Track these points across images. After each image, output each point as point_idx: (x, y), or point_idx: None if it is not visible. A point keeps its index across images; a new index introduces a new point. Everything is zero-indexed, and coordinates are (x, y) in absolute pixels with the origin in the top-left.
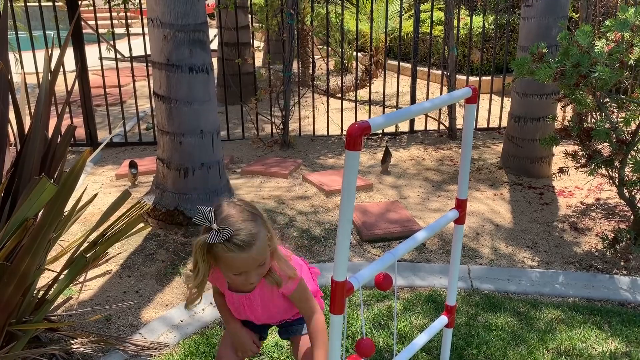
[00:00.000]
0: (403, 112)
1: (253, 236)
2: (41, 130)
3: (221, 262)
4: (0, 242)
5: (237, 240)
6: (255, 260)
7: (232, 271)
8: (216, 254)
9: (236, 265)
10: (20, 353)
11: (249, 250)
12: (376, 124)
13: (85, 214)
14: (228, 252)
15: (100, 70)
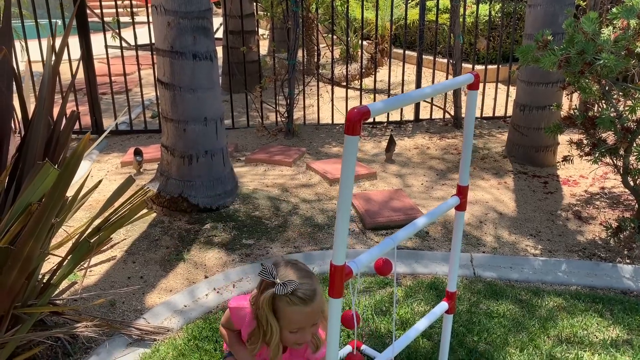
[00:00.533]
0: (403, 97)
1: (314, 291)
2: (45, 116)
3: (283, 317)
4: (4, 226)
5: (300, 294)
6: (315, 315)
7: (291, 326)
8: (278, 309)
9: (297, 319)
10: (26, 336)
11: (311, 304)
12: (375, 109)
13: (91, 200)
14: (292, 305)
15: (105, 59)
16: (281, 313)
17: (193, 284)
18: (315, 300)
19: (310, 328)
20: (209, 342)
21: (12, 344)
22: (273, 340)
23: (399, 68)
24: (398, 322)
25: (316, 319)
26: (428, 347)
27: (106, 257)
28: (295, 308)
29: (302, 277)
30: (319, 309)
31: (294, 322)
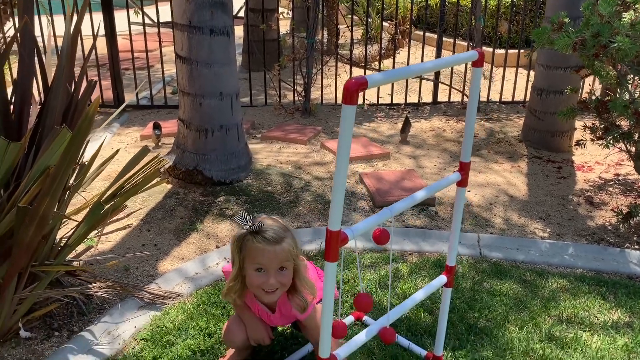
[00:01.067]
0: (402, 70)
1: (280, 236)
2: (63, 84)
3: (247, 255)
4: (24, 188)
5: (266, 235)
6: (277, 258)
7: (254, 264)
8: (245, 246)
9: (259, 257)
10: (43, 292)
11: (274, 245)
12: (373, 80)
13: (110, 171)
14: (254, 243)
15: (128, 35)
16: (245, 251)
17: (204, 253)
18: (278, 244)
19: (274, 272)
20: (217, 308)
21: (30, 299)
22: (234, 273)
23: (419, 50)
24: (401, 296)
25: (280, 264)
26: (429, 320)
27: (122, 224)
28: (257, 246)
29: (273, 224)
30: (283, 254)
31: (255, 259)
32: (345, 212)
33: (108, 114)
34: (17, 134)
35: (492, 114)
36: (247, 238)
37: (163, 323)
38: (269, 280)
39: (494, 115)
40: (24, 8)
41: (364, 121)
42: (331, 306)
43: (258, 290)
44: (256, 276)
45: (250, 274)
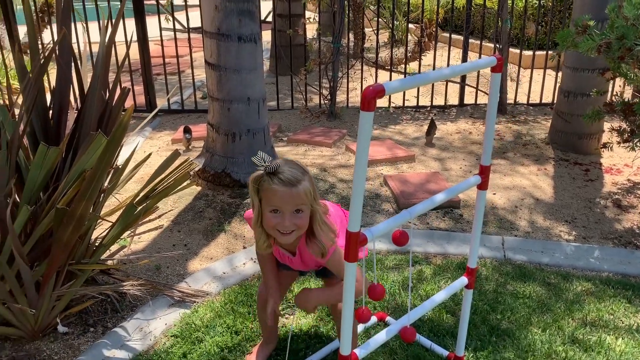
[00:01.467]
0: (420, 77)
1: (297, 178)
2: (98, 91)
3: (264, 196)
4: (62, 190)
5: (281, 176)
6: (293, 200)
7: (270, 205)
8: (261, 188)
9: (275, 198)
10: (79, 289)
11: (290, 187)
12: (391, 88)
13: (143, 174)
14: (271, 184)
15: (160, 41)
16: (262, 192)
17: (232, 253)
18: (295, 187)
19: (289, 214)
20: (244, 306)
21: (67, 296)
22: (255, 216)
23: (446, 52)
24: (424, 297)
25: (296, 206)
26: (451, 321)
27: (154, 225)
28: (273, 187)
29: (291, 167)
30: (298, 197)
31: (273, 200)
32: (370, 214)
33: (141, 118)
34: (56, 139)
35: (519, 116)
36: (264, 179)
37: (192, 320)
38: (284, 222)
39: (521, 118)
40: (62, 20)
41: (390, 124)
42: (352, 305)
43: (274, 231)
44: (272, 217)
45: (266, 215)
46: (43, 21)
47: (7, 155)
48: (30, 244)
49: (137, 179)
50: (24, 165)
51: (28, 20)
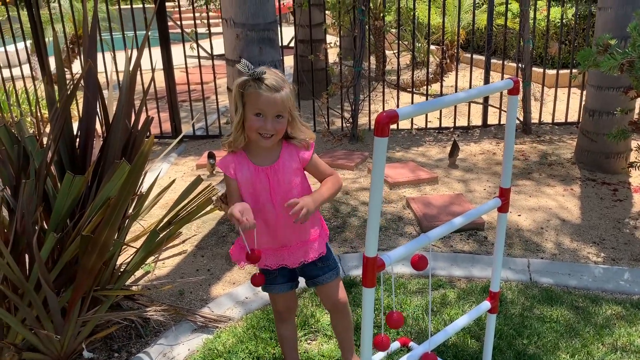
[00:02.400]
0: (435, 102)
1: (280, 85)
2: (122, 120)
3: (248, 101)
4: (87, 217)
5: (267, 82)
6: (276, 105)
7: (254, 109)
8: (245, 93)
9: (260, 102)
10: (104, 315)
11: (274, 93)
12: (404, 113)
13: (167, 200)
14: (257, 89)
15: (184, 68)
16: (247, 97)
17: None
18: (277, 92)
19: (271, 118)
20: (266, 332)
21: (92, 322)
22: (236, 120)
23: (468, 73)
24: (448, 322)
25: (277, 112)
26: (475, 346)
27: (178, 250)
28: (258, 92)
29: (275, 75)
30: (281, 102)
31: (257, 104)
32: (392, 237)
33: (167, 144)
34: (82, 167)
35: (544, 136)
36: (249, 84)
37: (215, 346)
38: (267, 125)
39: (547, 137)
40: (88, 52)
41: (412, 145)
42: (371, 332)
43: (255, 134)
44: (255, 120)
45: (250, 118)
46: (73, 52)
47: (35, 184)
48: (57, 271)
49: (162, 204)
50: (52, 193)
51: (56, 51)
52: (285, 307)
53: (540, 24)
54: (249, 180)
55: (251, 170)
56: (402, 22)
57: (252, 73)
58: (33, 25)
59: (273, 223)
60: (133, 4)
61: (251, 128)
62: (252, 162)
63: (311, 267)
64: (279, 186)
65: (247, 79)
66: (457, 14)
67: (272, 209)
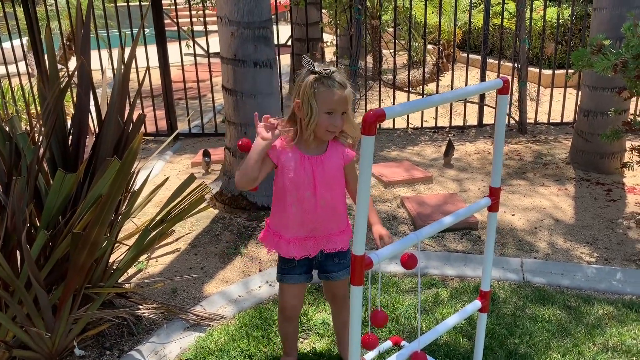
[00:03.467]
0: (423, 101)
1: (346, 82)
2: (115, 118)
3: (320, 99)
4: (79, 215)
5: (337, 80)
6: (345, 101)
7: (326, 108)
8: (318, 92)
9: (332, 100)
10: (95, 313)
11: (345, 89)
12: (392, 112)
13: (162, 197)
14: (329, 87)
15: (181, 66)
16: (319, 95)
17: (248, 276)
18: (347, 87)
19: (340, 115)
20: (258, 330)
21: (83, 319)
22: (312, 120)
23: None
24: (439, 321)
25: (344, 108)
26: (467, 345)
27: (172, 248)
28: (333, 90)
29: (339, 71)
30: (349, 98)
31: (329, 102)
32: None
33: (162, 142)
34: (74, 163)
35: (539, 136)
36: (322, 82)
37: (207, 344)
38: (337, 122)
39: (542, 137)
40: (81, 49)
41: (408, 145)
42: (359, 329)
43: (324, 131)
44: (326, 118)
45: (321, 117)
46: (70, 49)
47: (27, 181)
48: (48, 268)
49: (156, 202)
50: (44, 191)
51: (48, 48)
52: (292, 305)
53: (537, 24)
54: (293, 166)
55: (297, 156)
56: (398, 21)
57: (323, 71)
58: (29, 22)
59: (310, 212)
60: (130, 1)
61: (322, 126)
62: (300, 150)
63: (329, 261)
64: (322, 177)
65: (315, 77)
66: (453, 13)
67: (312, 197)
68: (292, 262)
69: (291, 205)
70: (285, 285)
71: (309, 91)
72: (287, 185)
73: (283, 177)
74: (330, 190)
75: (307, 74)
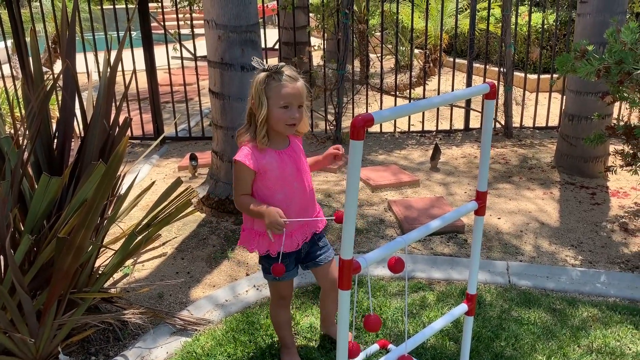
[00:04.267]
0: (410, 106)
1: (297, 75)
2: (100, 122)
3: (272, 95)
4: (63, 219)
5: (287, 74)
6: (300, 94)
7: (279, 102)
8: (269, 87)
9: (286, 93)
10: (80, 318)
11: (296, 82)
12: (380, 117)
13: (148, 201)
14: (281, 81)
15: (167, 69)
16: (271, 91)
17: (235, 280)
18: (299, 81)
19: (296, 108)
20: (245, 334)
21: (68, 325)
22: (261, 115)
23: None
24: (426, 324)
25: (299, 102)
26: (454, 348)
27: (158, 253)
28: (283, 83)
29: (289, 66)
30: (303, 91)
31: (281, 97)
32: (373, 240)
33: (149, 145)
34: (59, 167)
35: (525, 140)
36: (272, 78)
37: (193, 349)
38: (294, 114)
39: (527, 141)
40: (66, 52)
41: (395, 148)
42: (346, 333)
43: (283, 126)
44: (282, 112)
45: (277, 112)
46: (55, 52)
47: (11, 185)
48: (32, 273)
49: (142, 206)
50: (28, 195)
51: (33, 51)
52: (289, 293)
53: (522, 29)
54: (276, 164)
55: (274, 155)
56: (385, 25)
57: (272, 67)
58: (14, 25)
59: (298, 202)
60: (116, 4)
61: (279, 120)
62: (272, 148)
63: (315, 247)
64: (301, 165)
65: (267, 74)
66: (440, 18)
67: (300, 187)
68: (285, 259)
69: (281, 201)
70: (280, 282)
71: (259, 87)
72: (272, 185)
73: (265, 179)
74: (308, 176)
75: (258, 73)
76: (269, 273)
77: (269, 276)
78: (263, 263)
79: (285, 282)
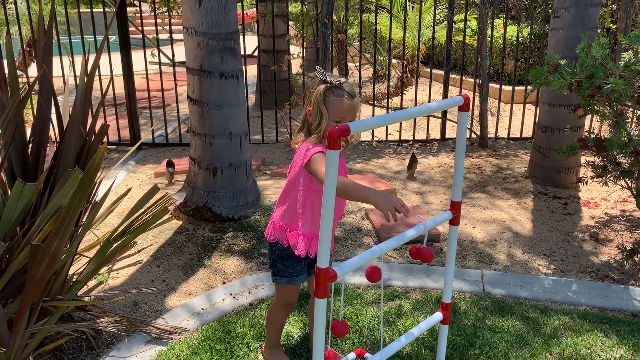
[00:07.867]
0: (385, 117)
1: (355, 92)
2: (77, 128)
3: (330, 108)
4: (37, 226)
5: (347, 89)
6: (354, 109)
7: (336, 116)
8: (327, 100)
9: (343, 109)
10: (53, 327)
11: (354, 99)
12: (355, 127)
13: (124, 208)
14: (340, 97)
15: (145, 74)
16: (329, 104)
17: (211, 288)
18: (356, 97)
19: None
20: (221, 343)
21: (41, 333)
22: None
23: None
24: (402, 333)
25: (354, 116)
26: (429, 357)
27: (133, 260)
28: (342, 99)
29: (348, 82)
30: (358, 107)
31: (339, 111)
32: (351, 248)
33: (125, 151)
34: (34, 173)
35: (499, 150)
36: (332, 92)
37: (168, 358)
38: None
39: (502, 152)
40: (43, 56)
41: (373, 157)
42: (322, 342)
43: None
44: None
45: (330, 124)
46: (30, 55)
47: None
48: (4, 281)
49: (118, 213)
50: (1, 201)
51: (8, 55)
52: (295, 300)
53: (498, 42)
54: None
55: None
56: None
57: (334, 81)
58: None
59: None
60: (93, 7)
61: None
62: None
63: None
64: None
65: (326, 86)
66: (417, 29)
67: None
68: (300, 263)
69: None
70: (291, 286)
71: (320, 99)
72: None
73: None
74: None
75: (319, 83)
76: (281, 276)
77: (282, 279)
78: (278, 266)
79: (293, 287)
